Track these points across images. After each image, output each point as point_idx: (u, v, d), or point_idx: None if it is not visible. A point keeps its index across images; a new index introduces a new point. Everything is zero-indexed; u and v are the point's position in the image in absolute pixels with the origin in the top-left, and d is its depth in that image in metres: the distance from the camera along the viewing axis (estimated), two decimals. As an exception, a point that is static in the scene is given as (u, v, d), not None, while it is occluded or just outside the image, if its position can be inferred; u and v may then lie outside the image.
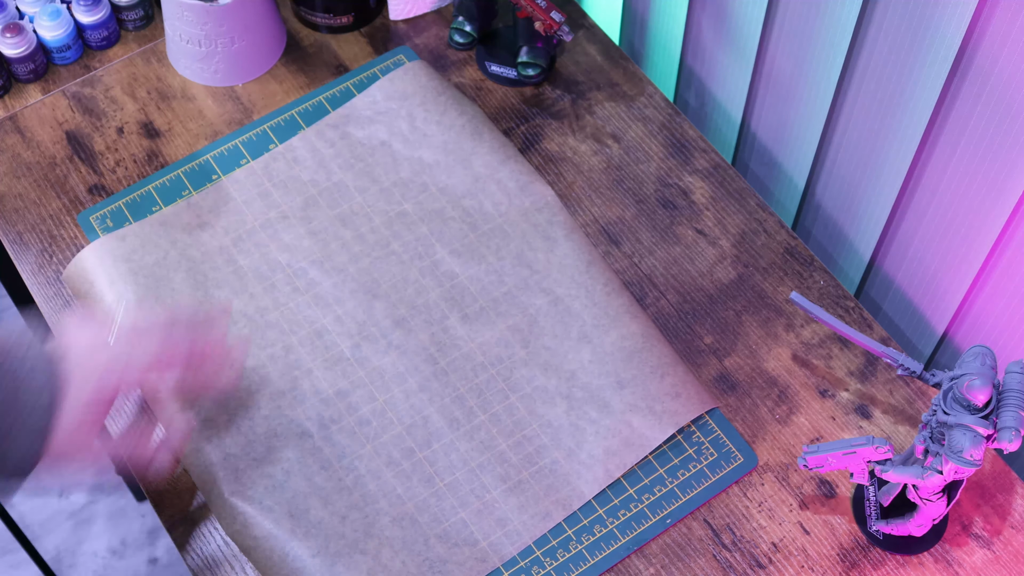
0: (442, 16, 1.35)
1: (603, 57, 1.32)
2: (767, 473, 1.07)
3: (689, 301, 1.16)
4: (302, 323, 1.12)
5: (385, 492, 1.04)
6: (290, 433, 1.06)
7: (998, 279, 1.08)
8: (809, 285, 1.17)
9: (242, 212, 1.19)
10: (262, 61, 1.29)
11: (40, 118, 1.26)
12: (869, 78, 1.11)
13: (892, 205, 1.16)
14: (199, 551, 1.04)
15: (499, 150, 1.22)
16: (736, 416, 1.10)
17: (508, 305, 1.14)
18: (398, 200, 1.20)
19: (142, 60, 1.31)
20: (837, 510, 1.05)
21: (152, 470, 0.99)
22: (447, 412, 1.08)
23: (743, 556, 1.03)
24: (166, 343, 0.94)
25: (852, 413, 1.10)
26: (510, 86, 1.29)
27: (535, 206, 1.19)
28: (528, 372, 1.10)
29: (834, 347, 1.13)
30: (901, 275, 1.21)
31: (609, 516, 1.04)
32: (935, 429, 0.93)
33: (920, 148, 1.09)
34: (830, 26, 1.12)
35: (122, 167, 1.23)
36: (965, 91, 1.01)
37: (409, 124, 1.24)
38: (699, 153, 1.25)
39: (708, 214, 1.21)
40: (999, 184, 1.03)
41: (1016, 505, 1.06)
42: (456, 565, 1.01)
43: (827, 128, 1.20)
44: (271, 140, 1.24)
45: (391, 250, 1.17)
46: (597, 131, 1.26)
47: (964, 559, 1.03)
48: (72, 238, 1.19)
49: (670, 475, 1.06)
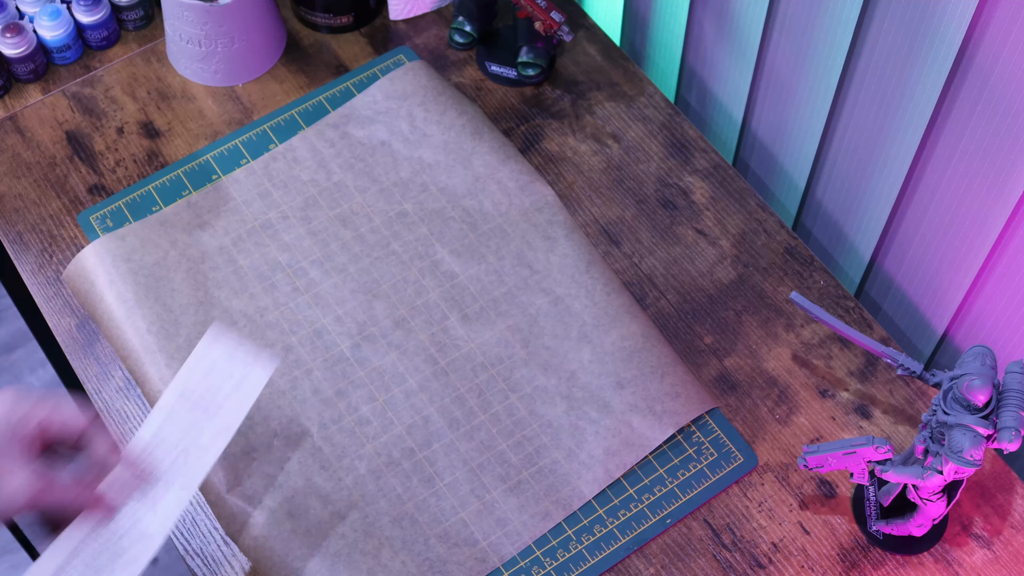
0: (442, 16, 1.35)
1: (603, 57, 1.32)
2: (767, 473, 1.07)
3: (689, 301, 1.16)
4: (302, 323, 1.12)
5: (385, 492, 1.04)
6: (290, 433, 1.06)
7: (998, 279, 1.08)
8: (809, 285, 1.17)
9: (242, 212, 1.19)
10: (262, 61, 1.29)
11: (40, 118, 1.26)
12: (869, 78, 1.11)
13: (892, 205, 1.16)
14: (199, 551, 1.04)
15: (499, 150, 1.22)
16: (736, 416, 1.10)
17: (508, 305, 1.14)
18: (398, 200, 1.20)
19: (142, 60, 1.31)
20: (837, 510, 1.05)
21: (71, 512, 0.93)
22: (447, 412, 1.08)
23: (743, 556, 1.03)
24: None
25: (852, 413, 1.10)
26: (510, 86, 1.29)
27: (535, 206, 1.19)
28: (528, 372, 1.10)
29: (834, 347, 1.13)
30: (901, 275, 1.21)
31: (609, 516, 1.04)
32: (935, 429, 0.93)
33: (920, 148, 1.09)
34: (830, 26, 1.12)
35: (122, 167, 1.23)
36: (965, 91, 1.01)
37: (409, 124, 1.24)
38: (699, 153, 1.25)
39: (708, 214, 1.21)
40: (999, 184, 1.02)
41: (1016, 505, 1.06)
42: (456, 565, 1.01)
43: (827, 128, 1.20)
44: (271, 140, 1.24)
45: (391, 250, 1.17)
46: (597, 131, 1.26)
47: (964, 559, 1.03)
48: (72, 238, 1.19)
49: (670, 475, 1.06)
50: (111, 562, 0.90)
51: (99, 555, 0.90)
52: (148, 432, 0.95)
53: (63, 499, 0.91)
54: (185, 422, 0.95)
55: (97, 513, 0.92)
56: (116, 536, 0.91)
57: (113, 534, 0.91)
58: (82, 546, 0.91)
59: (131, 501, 0.92)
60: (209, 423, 0.95)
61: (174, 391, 0.97)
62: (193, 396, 0.96)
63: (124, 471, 0.93)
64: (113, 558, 0.90)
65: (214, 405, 0.96)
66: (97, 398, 1.11)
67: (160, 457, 0.94)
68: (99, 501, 0.92)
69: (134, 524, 0.92)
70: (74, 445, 0.93)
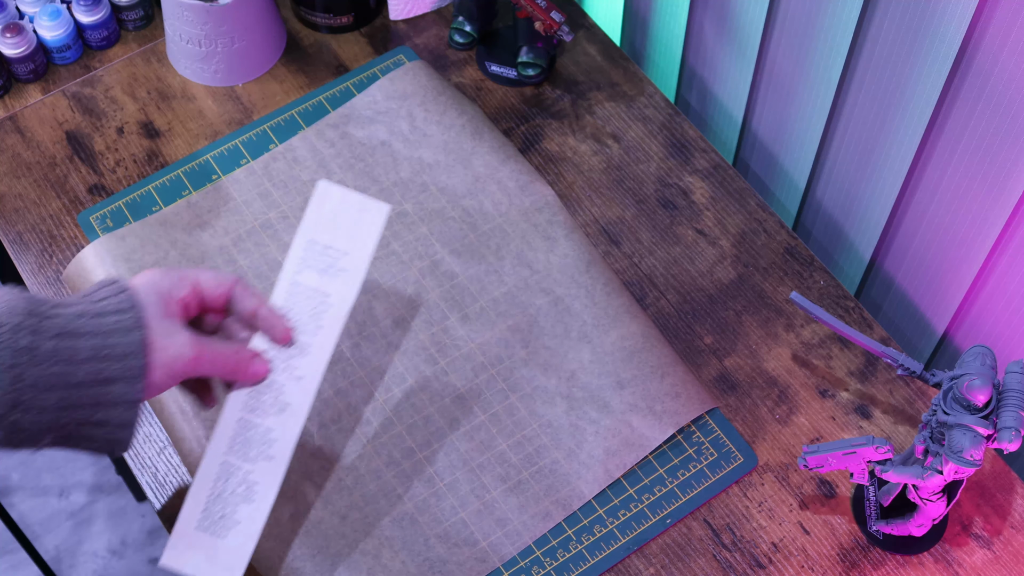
0: (442, 16, 1.35)
1: (603, 57, 1.32)
2: (767, 473, 1.07)
3: (689, 301, 1.16)
4: (302, 323, 1.12)
5: (385, 492, 1.04)
6: None
7: (998, 279, 1.08)
8: (809, 285, 1.17)
9: (242, 212, 1.19)
10: (262, 61, 1.29)
11: (40, 118, 1.26)
12: (869, 78, 1.11)
13: (892, 205, 1.16)
14: (199, 551, 1.04)
15: (499, 150, 1.22)
16: (736, 416, 1.10)
17: (508, 305, 1.14)
18: (398, 200, 1.20)
19: (142, 60, 1.31)
20: (837, 510, 1.05)
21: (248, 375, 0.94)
22: (447, 412, 1.08)
23: (743, 556, 1.03)
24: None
25: (852, 413, 1.10)
26: (510, 86, 1.29)
27: (535, 206, 1.19)
28: (528, 372, 1.10)
29: (834, 347, 1.13)
30: (901, 275, 1.21)
31: (609, 516, 1.04)
32: (935, 429, 0.93)
33: (920, 148, 1.09)
34: (831, 26, 1.12)
35: (122, 167, 1.23)
36: (965, 91, 1.01)
37: (409, 124, 1.24)
38: (699, 153, 1.25)
39: (708, 214, 1.21)
40: (999, 184, 1.03)
41: (1016, 505, 1.06)
42: (456, 565, 1.01)
43: (827, 128, 1.20)
44: (271, 140, 1.24)
45: (391, 250, 1.17)
46: (597, 131, 1.26)
47: (964, 559, 1.03)
48: (72, 238, 1.19)
49: (670, 475, 1.06)
50: (264, 447, 0.93)
51: (250, 440, 0.93)
52: (282, 291, 0.96)
53: (220, 360, 0.92)
54: (313, 278, 0.95)
55: (249, 378, 0.93)
56: (264, 415, 0.94)
57: (262, 412, 0.94)
58: (236, 433, 0.93)
59: (275, 371, 0.94)
60: (334, 277, 0.95)
61: (299, 245, 0.96)
62: (317, 248, 0.96)
63: (271, 326, 0.94)
64: (264, 445, 0.93)
65: (338, 254, 0.96)
66: (97, 398, 1.11)
67: (296, 316, 0.95)
68: (251, 363, 0.93)
69: (278, 395, 0.94)
70: (223, 308, 0.94)
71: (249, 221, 1.18)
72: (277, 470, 0.93)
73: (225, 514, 0.92)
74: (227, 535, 0.91)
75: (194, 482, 0.93)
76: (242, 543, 0.91)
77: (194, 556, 0.91)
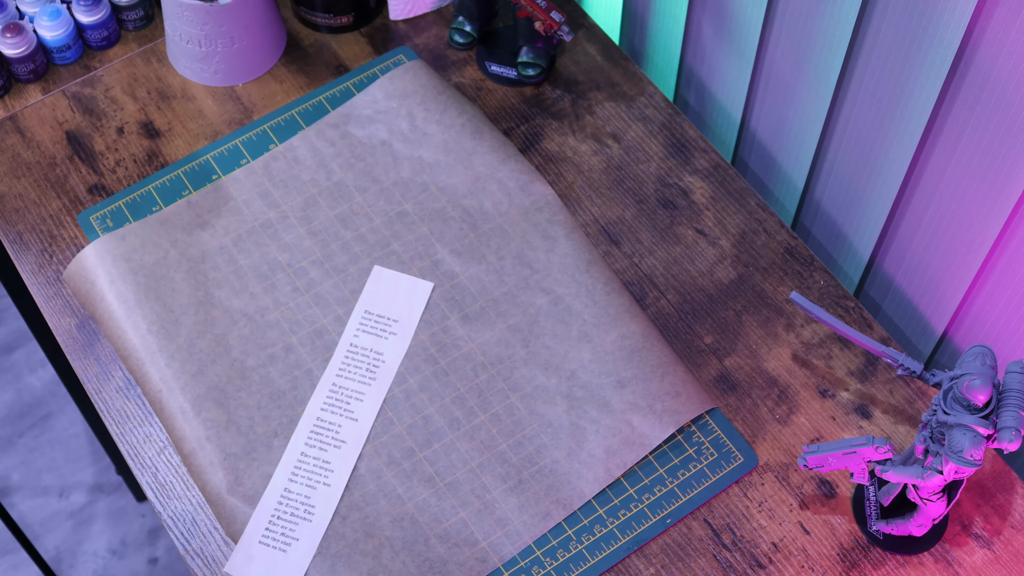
0: (442, 16, 1.35)
1: (603, 57, 1.32)
2: (767, 473, 1.07)
3: (689, 301, 1.16)
4: (302, 323, 1.12)
5: (385, 492, 1.04)
6: (290, 433, 1.07)
7: (998, 279, 1.08)
8: (809, 285, 1.17)
9: (242, 212, 1.19)
10: (262, 61, 1.29)
11: (40, 118, 1.26)
12: (869, 78, 1.11)
13: (892, 205, 1.17)
14: (199, 551, 1.04)
15: (499, 149, 1.22)
16: (736, 416, 1.10)
17: (508, 305, 1.14)
18: (398, 200, 1.20)
19: (142, 60, 1.31)
20: (837, 510, 1.05)
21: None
22: (447, 412, 1.08)
23: (743, 556, 1.03)
24: None
25: (852, 413, 1.10)
26: (510, 86, 1.30)
27: (535, 206, 1.19)
28: (528, 372, 1.10)
29: (834, 347, 1.13)
30: (901, 275, 1.21)
31: (609, 516, 1.04)
32: (935, 429, 0.93)
33: (920, 148, 1.09)
34: (830, 26, 1.12)
35: (122, 167, 1.23)
36: (965, 91, 1.01)
37: (409, 123, 1.24)
38: (699, 153, 1.25)
39: (708, 214, 1.21)
40: (999, 184, 1.03)
41: (1016, 505, 1.06)
42: (456, 565, 1.01)
43: (827, 128, 1.20)
44: (271, 140, 1.24)
45: (391, 250, 1.17)
46: (597, 131, 1.26)
47: (964, 559, 1.03)
48: (72, 238, 1.19)
49: (670, 475, 1.06)
50: (323, 476, 1.05)
51: (311, 470, 1.05)
52: (342, 352, 1.10)
53: None
54: (369, 341, 1.11)
55: None
56: (323, 449, 1.06)
57: (322, 447, 1.06)
58: (299, 464, 1.06)
59: (335, 414, 1.08)
60: (386, 340, 1.11)
61: (357, 315, 1.12)
62: (372, 317, 1.12)
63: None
64: (323, 474, 1.05)
65: (389, 322, 1.12)
66: (97, 398, 1.11)
67: (354, 370, 1.10)
68: None
69: (336, 433, 1.07)
70: None
71: (249, 221, 1.18)
72: (333, 496, 1.03)
73: (286, 531, 1.02)
74: (287, 550, 1.01)
75: (259, 503, 1.03)
76: (300, 557, 1.01)
77: (256, 567, 1.01)
